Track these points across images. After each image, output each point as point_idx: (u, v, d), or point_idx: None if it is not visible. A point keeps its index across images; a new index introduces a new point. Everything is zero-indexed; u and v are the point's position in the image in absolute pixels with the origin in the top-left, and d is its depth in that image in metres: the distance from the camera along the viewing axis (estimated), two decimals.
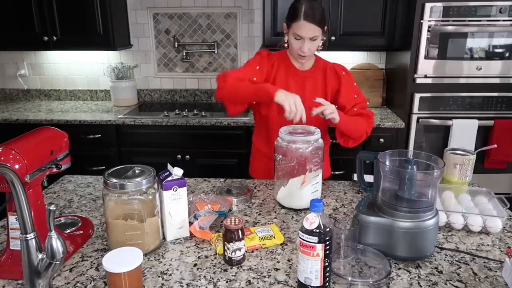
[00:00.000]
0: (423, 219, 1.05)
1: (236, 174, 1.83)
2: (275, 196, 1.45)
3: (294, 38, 1.58)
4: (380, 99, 3.08)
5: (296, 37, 1.57)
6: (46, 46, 2.89)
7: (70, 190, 1.56)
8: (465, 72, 2.54)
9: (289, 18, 1.58)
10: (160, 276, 1.03)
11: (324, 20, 1.57)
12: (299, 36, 1.56)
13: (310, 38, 1.56)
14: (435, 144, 2.68)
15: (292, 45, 1.61)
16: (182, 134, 2.73)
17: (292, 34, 1.58)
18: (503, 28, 2.45)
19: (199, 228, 1.17)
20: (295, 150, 1.33)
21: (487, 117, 2.60)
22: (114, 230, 1.10)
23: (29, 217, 0.83)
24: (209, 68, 3.26)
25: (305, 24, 1.53)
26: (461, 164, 1.44)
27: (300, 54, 1.60)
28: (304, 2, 1.54)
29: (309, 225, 0.90)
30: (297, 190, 1.36)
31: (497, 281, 1.00)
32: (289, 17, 1.58)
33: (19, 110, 3.02)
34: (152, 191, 1.10)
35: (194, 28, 3.16)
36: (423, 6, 2.45)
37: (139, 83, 3.30)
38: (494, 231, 1.22)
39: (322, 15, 1.56)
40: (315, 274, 0.92)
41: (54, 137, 1.14)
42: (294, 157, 1.34)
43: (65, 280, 1.01)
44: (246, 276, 1.03)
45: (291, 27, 1.58)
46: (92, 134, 2.74)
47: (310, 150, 1.33)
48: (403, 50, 2.70)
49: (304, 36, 1.55)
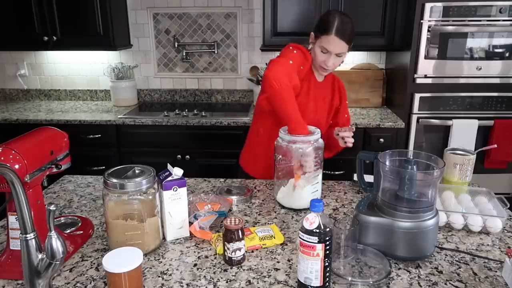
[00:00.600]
0: (423, 219, 1.05)
1: (236, 174, 1.83)
2: (275, 196, 1.45)
3: (320, 51, 1.57)
4: (380, 99, 3.08)
5: (323, 50, 1.56)
6: (46, 46, 2.89)
7: (70, 190, 1.56)
8: (465, 72, 2.54)
9: (319, 30, 1.57)
10: (160, 276, 1.03)
11: (352, 37, 1.57)
12: (326, 50, 1.55)
13: (337, 54, 1.56)
14: (435, 144, 2.68)
15: (317, 57, 1.60)
16: (182, 134, 2.73)
17: (319, 46, 1.57)
18: (503, 28, 2.45)
19: (199, 228, 1.17)
20: (295, 150, 1.33)
21: (487, 117, 2.60)
22: (114, 230, 1.10)
23: (29, 217, 0.83)
24: (209, 68, 3.26)
25: (335, 40, 1.52)
26: (461, 164, 1.44)
27: (323, 67, 1.60)
28: (337, 17, 1.53)
29: (309, 225, 0.90)
30: (297, 190, 1.36)
31: (497, 281, 1.00)
32: (320, 29, 1.57)
33: (19, 110, 3.02)
34: (152, 191, 1.10)
35: (194, 28, 3.16)
36: (423, 6, 2.45)
37: (139, 83, 3.30)
38: (494, 231, 1.22)
39: (352, 32, 1.56)
40: (315, 274, 0.92)
41: (54, 137, 1.14)
42: (294, 157, 1.34)
43: (65, 280, 1.01)
44: (246, 276, 1.03)
45: (319, 39, 1.56)
46: (92, 134, 2.74)
47: (310, 150, 1.33)
48: (403, 50, 2.70)
49: (332, 51, 1.54)
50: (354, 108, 3.02)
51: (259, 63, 3.18)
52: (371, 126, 2.63)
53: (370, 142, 2.66)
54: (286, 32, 2.73)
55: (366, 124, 2.62)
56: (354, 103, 3.05)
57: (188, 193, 1.22)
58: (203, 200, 1.36)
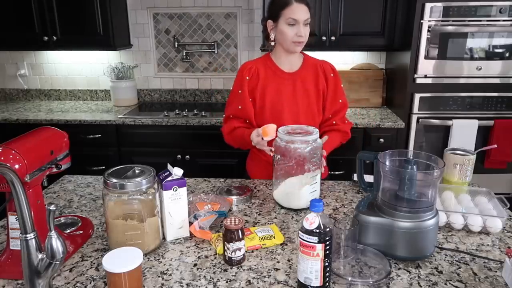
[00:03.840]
0: (423, 219, 1.05)
1: (236, 174, 1.83)
2: (273, 196, 1.45)
3: (287, 25, 1.56)
4: (380, 99, 3.08)
5: (290, 23, 1.56)
6: (46, 46, 2.90)
7: (70, 190, 1.56)
8: (465, 72, 2.54)
9: (278, 7, 1.58)
10: (160, 276, 1.03)
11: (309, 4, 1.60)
12: (293, 20, 1.55)
13: (303, 22, 1.56)
14: (435, 144, 2.68)
15: (286, 34, 1.58)
16: (182, 134, 2.73)
17: (284, 22, 1.57)
18: (503, 28, 2.45)
19: (199, 228, 1.17)
20: (294, 150, 1.33)
21: (487, 117, 2.60)
22: (114, 230, 1.10)
23: (29, 217, 0.83)
24: (209, 68, 3.26)
25: (298, 6, 1.55)
26: (461, 164, 1.44)
27: (297, 41, 1.58)
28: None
29: (309, 225, 0.90)
30: (296, 190, 1.36)
31: (497, 281, 1.00)
32: (278, 7, 1.58)
33: (19, 110, 3.02)
34: (152, 191, 1.10)
35: (194, 28, 3.16)
36: (423, 6, 2.45)
37: (139, 83, 3.30)
38: (494, 231, 1.22)
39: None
40: (315, 274, 0.92)
41: (54, 137, 1.14)
42: (292, 157, 1.34)
43: (65, 280, 1.01)
44: (246, 276, 1.03)
45: (281, 16, 1.56)
46: (92, 134, 2.74)
47: (309, 150, 1.33)
48: (403, 50, 2.70)
49: (299, 18, 1.54)
50: (354, 108, 3.02)
51: None
52: (371, 126, 2.63)
53: (370, 142, 2.66)
54: None
55: (366, 124, 2.62)
56: (354, 103, 3.05)
57: (188, 193, 1.22)
58: (203, 200, 1.36)
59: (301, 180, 1.35)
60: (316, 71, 1.71)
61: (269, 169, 1.70)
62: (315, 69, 1.71)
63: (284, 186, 1.39)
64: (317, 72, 1.71)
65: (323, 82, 1.71)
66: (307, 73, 1.69)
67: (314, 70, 1.71)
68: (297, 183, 1.36)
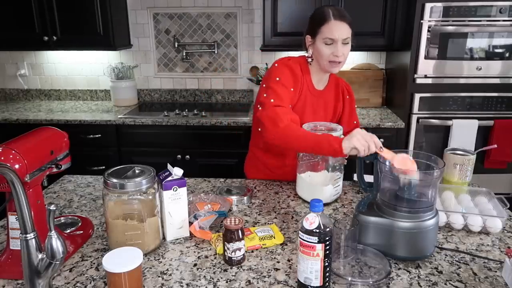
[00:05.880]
0: (423, 219, 1.05)
1: (236, 174, 1.83)
2: (296, 191, 1.49)
3: (324, 44, 1.48)
4: (380, 99, 3.08)
5: (327, 42, 1.47)
6: (46, 46, 2.89)
7: (70, 190, 1.56)
8: (465, 72, 2.54)
9: (316, 23, 1.49)
10: (160, 276, 1.03)
11: (351, 20, 1.49)
12: (331, 39, 1.46)
13: (343, 41, 1.47)
14: (435, 144, 2.68)
15: (322, 53, 1.49)
16: (182, 134, 2.73)
17: (321, 40, 1.48)
18: (503, 28, 2.45)
19: (199, 228, 1.17)
20: None
21: (487, 117, 2.60)
22: (114, 230, 1.10)
23: (29, 217, 0.83)
24: (209, 68, 3.25)
25: (337, 23, 1.45)
26: (461, 164, 1.44)
27: (333, 61, 1.49)
28: (328, 6, 1.51)
29: (309, 225, 0.90)
30: (320, 186, 1.40)
31: (497, 281, 1.00)
32: (316, 23, 1.49)
33: (19, 110, 3.02)
34: (152, 191, 1.10)
35: (194, 28, 3.16)
36: (423, 6, 2.45)
37: (139, 83, 3.30)
38: (494, 231, 1.22)
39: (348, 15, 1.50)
40: (315, 274, 0.92)
41: (54, 137, 1.14)
42: None
43: (65, 280, 1.01)
44: (246, 276, 1.03)
45: (319, 33, 1.48)
46: (92, 134, 2.74)
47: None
48: (403, 50, 2.70)
49: (338, 37, 1.45)
50: None
51: (259, 63, 3.18)
52: (371, 126, 2.63)
53: None
54: (286, 32, 2.74)
55: (366, 124, 2.62)
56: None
57: (188, 193, 1.22)
58: (203, 200, 1.36)
59: (326, 176, 1.40)
60: (338, 91, 1.69)
61: (266, 172, 1.71)
62: (337, 89, 1.69)
63: (308, 182, 1.43)
64: (338, 93, 1.69)
65: (341, 103, 1.71)
66: (331, 93, 1.67)
67: (336, 90, 1.69)
68: (321, 179, 1.40)
